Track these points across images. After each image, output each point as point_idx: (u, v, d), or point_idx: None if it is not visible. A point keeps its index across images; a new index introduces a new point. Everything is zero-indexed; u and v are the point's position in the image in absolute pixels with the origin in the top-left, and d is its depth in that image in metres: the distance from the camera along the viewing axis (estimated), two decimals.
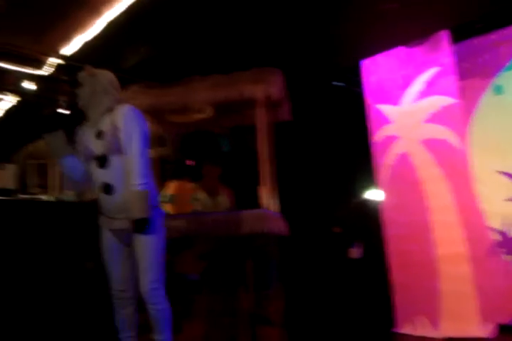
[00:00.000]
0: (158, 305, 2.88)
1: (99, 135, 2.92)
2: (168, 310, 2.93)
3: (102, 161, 2.88)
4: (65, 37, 5.63)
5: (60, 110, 3.05)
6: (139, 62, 5.73)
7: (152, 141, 4.52)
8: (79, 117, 2.99)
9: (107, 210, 2.94)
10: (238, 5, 4.89)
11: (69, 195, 4.52)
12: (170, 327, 2.93)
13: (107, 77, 3.10)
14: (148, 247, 2.85)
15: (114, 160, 2.87)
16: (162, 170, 4.54)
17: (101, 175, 2.90)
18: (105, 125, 2.93)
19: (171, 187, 4.65)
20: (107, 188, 2.86)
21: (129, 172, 2.82)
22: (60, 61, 5.92)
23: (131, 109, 2.95)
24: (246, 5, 4.90)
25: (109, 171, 2.87)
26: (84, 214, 4.30)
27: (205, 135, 5.11)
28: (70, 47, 5.76)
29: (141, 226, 2.78)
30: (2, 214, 4.01)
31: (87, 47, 5.63)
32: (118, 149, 2.86)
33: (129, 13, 5.11)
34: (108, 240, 2.99)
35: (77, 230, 4.09)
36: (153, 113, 4.47)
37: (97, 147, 2.92)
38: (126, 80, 5.19)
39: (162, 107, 4.32)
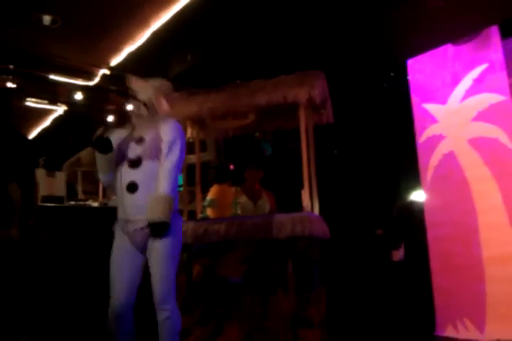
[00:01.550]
0: (170, 313, 2.80)
1: (140, 141, 2.97)
2: (178, 320, 2.85)
3: (135, 163, 2.91)
4: (115, 48, 5.83)
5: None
6: (183, 70, 5.85)
7: (195, 146, 4.67)
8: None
9: (126, 212, 2.90)
10: (279, 8, 4.92)
11: (113, 201, 4.65)
12: (178, 338, 2.85)
13: (161, 85, 3.17)
14: (165, 252, 2.81)
15: (147, 164, 2.91)
16: (204, 174, 4.62)
17: (129, 175, 2.91)
18: (148, 133, 2.99)
19: (212, 192, 4.71)
20: (132, 186, 2.87)
21: (160, 177, 2.85)
22: (108, 72, 6.14)
23: (176, 124, 3.03)
24: (288, 8, 4.92)
25: (138, 171, 2.90)
26: None
27: (247, 139, 5.14)
28: (118, 58, 5.97)
29: (161, 230, 2.76)
30: (54, 220, 4.19)
31: (133, 57, 5.80)
32: (154, 155, 2.91)
33: (172, 23, 5.24)
34: (122, 245, 2.92)
35: None
36: (195, 119, 4.58)
37: (133, 151, 2.97)
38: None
39: (205, 113, 4.39)
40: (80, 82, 6.30)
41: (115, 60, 6.05)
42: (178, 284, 3.84)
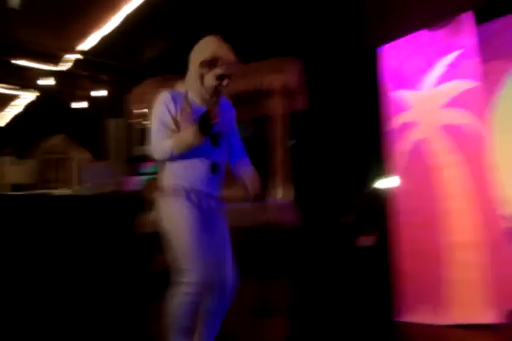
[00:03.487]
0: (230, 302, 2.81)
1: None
2: None
3: (217, 140, 2.81)
4: (84, 33, 5.75)
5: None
6: (156, 56, 5.79)
7: None
8: None
9: (202, 188, 2.80)
10: None
11: (86, 188, 4.59)
12: None
13: None
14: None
15: (223, 142, 2.85)
16: None
17: (212, 154, 2.80)
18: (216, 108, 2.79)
19: None
20: (216, 167, 2.80)
21: (243, 154, 2.97)
22: (79, 56, 6.05)
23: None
24: None
25: (219, 151, 2.83)
26: (100, 207, 4.38)
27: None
28: (88, 43, 5.89)
29: (259, 198, 2.92)
30: (18, 210, 4.10)
31: (105, 41, 5.73)
32: (227, 132, 2.88)
33: (143, 7, 5.18)
34: (198, 221, 2.73)
35: (93, 223, 4.15)
36: None
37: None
38: (143, 73, 5.29)
39: None
40: (47, 66, 6.17)
41: (86, 45, 5.97)
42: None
